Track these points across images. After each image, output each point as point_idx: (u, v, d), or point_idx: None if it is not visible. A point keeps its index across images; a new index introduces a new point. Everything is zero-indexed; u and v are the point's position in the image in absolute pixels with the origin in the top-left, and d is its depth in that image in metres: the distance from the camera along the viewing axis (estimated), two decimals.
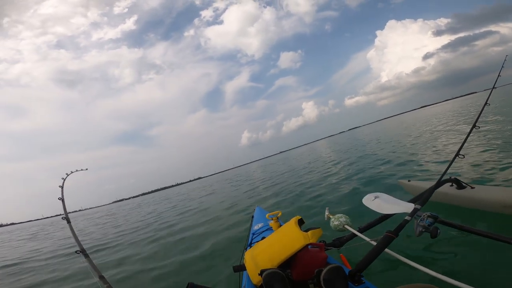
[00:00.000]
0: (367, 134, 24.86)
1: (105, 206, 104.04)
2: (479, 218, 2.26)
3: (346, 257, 1.72)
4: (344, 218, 2.19)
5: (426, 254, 2.02)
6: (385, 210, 2.09)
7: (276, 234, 1.59)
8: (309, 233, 1.34)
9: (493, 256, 1.75)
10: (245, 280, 1.49)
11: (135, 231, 7.32)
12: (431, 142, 7.72)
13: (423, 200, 1.75)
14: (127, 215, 14.58)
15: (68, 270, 4.39)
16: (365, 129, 54.06)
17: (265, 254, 1.41)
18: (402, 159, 6.37)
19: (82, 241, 1.70)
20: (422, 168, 4.85)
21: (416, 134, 11.45)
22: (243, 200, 7.63)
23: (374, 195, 2.44)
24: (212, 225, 5.35)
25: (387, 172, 5.47)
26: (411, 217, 1.57)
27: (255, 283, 1.33)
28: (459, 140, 6.73)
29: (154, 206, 16.19)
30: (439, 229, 1.56)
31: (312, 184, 6.67)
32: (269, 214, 2.28)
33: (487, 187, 2.58)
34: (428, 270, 1.23)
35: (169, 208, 11.92)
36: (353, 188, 4.93)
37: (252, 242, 2.12)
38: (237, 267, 1.50)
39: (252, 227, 2.68)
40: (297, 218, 1.54)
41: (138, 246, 5.21)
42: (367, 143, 15.05)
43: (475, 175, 3.53)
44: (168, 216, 9.00)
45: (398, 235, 1.38)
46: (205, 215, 6.85)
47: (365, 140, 17.99)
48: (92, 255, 4.09)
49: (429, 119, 19.12)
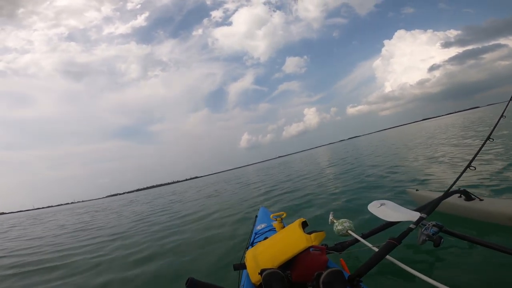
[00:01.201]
0: (371, 144, 24.21)
1: (98, 200, 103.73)
2: (486, 231, 2.22)
3: (346, 262, 1.72)
4: (348, 223, 2.19)
5: (427, 263, 1.99)
6: (390, 217, 2.08)
7: (279, 235, 1.59)
8: (312, 236, 1.35)
9: (498, 268, 1.72)
10: (244, 279, 1.50)
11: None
12: (438, 153, 7.60)
13: (430, 209, 1.73)
14: (109, 214, 13.28)
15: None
16: (367, 138, 53.35)
17: (267, 253, 1.42)
18: (409, 168, 6.30)
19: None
20: (430, 179, 4.78)
21: (424, 145, 11.32)
22: (242, 203, 7.49)
23: (380, 202, 2.42)
24: (208, 225, 5.32)
25: (393, 181, 5.42)
26: (416, 226, 1.56)
27: (254, 282, 1.34)
28: (467, 152, 6.60)
29: (142, 206, 14.77)
30: (443, 238, 1.55)
31: (316, 190, 6.65)
32: (273, 215, 2.28)
33: (496, 200, 2.53)
34: (429, 279, 1.22)
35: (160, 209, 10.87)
36: (357, 195, 4.91)
37: (254, 241, 2.13)
38: (237, 265, 1.52)
39: (255, 227, 2.68)
40: (301, 220, 1.55)
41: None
42: (371, 151, 14.93)
43: (485, 187, 3.46)
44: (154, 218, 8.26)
45: (401, 242, 1.37)
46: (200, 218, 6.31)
47: (370, 148, 17.76)
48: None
49: (434, 131, 18.90)
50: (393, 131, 74.05)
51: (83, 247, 5.48)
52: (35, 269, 4.27)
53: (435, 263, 1.98)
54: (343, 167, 10.40)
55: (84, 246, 5.58)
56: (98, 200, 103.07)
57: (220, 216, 6.04)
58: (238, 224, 4.76)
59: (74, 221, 12.52)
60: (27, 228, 13.37)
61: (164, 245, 4.34)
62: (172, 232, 5.29)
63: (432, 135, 16.09)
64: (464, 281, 1.69)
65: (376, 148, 16.83)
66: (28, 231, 11.29)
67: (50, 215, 24.08)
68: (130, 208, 14.75)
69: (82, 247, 5.50)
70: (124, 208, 16.35)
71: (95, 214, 15.10)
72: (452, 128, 18.29)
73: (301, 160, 26.46)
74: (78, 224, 10.63)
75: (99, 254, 4.58)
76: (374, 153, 13.76)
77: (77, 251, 5.18)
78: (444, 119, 70.19)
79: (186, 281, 1.07)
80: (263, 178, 15.58)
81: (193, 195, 15.15)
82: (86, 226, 9.42)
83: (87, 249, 5.22)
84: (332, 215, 2.53)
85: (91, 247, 5.31)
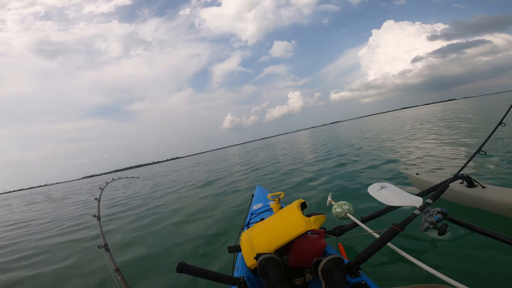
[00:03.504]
0: (359, 129, 23.26)
1: (73, 182, 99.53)
2: (485, 219, 2.16)
3: (344, 247, 1.66)
4: (347, 206, 2.12)
5: (428, 252, 1.94)
6: (391, 201, 2.00)
7: (276, 217, 1.49)
8: (312, 219, 1.25)
9: (502, 259, 1.68)
10: (239, 262, 1.44)
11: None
12: (443, 137, 7.54)
13: (435, 195, 1.64)
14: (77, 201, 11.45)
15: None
16: (351, 124, 52.56)
17: (263, 237, 1.34)
18: (409, 153, 6.26)
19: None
20: (433, 163, 4.73)
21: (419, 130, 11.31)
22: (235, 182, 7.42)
23: (381, 185, 2.35)
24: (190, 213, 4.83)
25: (390, 163, 5.42)
26: (420, 212, 1.48)
27: (249, 266, 1.28)
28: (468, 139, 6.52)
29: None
30: (449, 226, 1.48)
31: (314, 169, 6.65)
32: (270, 195, 2.19)
33: (498, 188, 2.45)
34: (430, 268, 1.16)
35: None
36: (354, 175, 4.92)
37: (250, 222, 2.07)
38: (232, 247, 1.45)
39: (251, 206, 2.62)
40: (299, 201, 1.44)
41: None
42: (364, 137, 14.62)
43: (490, 174, 3.38)
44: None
45: (404, 229, 1.29)
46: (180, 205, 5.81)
47: (362, 134, 17.35)
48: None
49: (425, 118, 18.75)
50: (376, 117, 73.11)
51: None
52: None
53: (437, 252, 1.92)
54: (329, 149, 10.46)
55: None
56: (73, 182, 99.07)
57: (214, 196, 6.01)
58: (232, 203, 4.74)
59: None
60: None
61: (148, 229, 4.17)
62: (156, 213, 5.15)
63: (425, 121, 16.06)
64: (464, 271, 1.65)
65: (368, 132, 16.70)
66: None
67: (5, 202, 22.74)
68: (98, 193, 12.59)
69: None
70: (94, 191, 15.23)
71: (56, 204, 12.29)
72: (451, 113, 18.09)
73: (288, 141, 25.90)
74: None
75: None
76: (369, 137, 13.74)
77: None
78: (421, 108, 69.48)
79: (177, 265, 0.99)
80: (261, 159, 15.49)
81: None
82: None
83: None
84: (331, 197, 2.45)
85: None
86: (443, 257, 1.84)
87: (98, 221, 2.06)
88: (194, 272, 1.03)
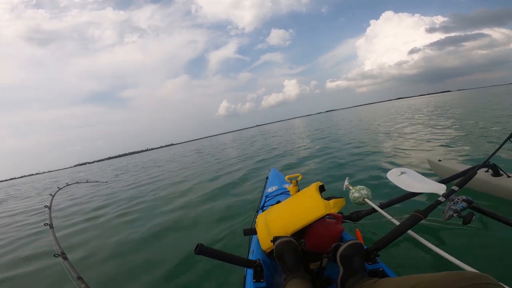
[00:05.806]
0: (366, 117, 21.59)
1: (66, 170, 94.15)
2: (510, 210, 2.03)
3: (361, 233, 1.63)
4: (366, 191, 2.05)
5: (450, 241, 1.82)
6: (412, 188, 1.94)
7: (293, 199, 1.46)
8: (331, 202, 1.21)
9: None
10: (254, 245, 1.44)
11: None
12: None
13: (461, 182, 1.55)
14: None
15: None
16: (347, 112, 49.09)
17: (279, 220, 1.33)
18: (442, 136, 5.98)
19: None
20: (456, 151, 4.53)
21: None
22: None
23: (400, 170, 2.27)
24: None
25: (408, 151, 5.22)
26: (445, 199, 1.41)
27: (265, 249, 1.28)
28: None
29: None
30: (475, 215, 1.41)
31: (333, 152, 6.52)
32: (288, 176, 2.14)
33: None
34: (451, 257, 1.12)
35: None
36: (371, 160, 4.77)
37: (265, 205, 2.07)
38: (247, 230, 1.45)
39: (266, 189, 2.62)
40: (318, 184, 1.39)
41: None
42: (371, 124, 13.80)
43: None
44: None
45: (427, 216, 1.24)
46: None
47: (367, 121, 16.30)
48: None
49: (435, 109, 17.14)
50: (373, 106, 68.66)
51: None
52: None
53: (460, 242, 1.80)
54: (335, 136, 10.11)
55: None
56: (64, 171, 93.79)
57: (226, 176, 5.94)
58: (247, 185, 4.76)
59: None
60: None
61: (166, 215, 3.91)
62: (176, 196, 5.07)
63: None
64: (491, 265, 1.55)
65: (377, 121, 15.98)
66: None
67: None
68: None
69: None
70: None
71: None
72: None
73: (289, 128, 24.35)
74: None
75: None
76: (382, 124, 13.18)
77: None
78: (416, 99, 65.29)
79: (195, 247, 1.00)
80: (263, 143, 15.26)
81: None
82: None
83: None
84: (348, 181, 2.39)
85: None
86: (467, 246, 1.75)
87: (51, 230, 1.87)
88: (212, 254, 1.03)
